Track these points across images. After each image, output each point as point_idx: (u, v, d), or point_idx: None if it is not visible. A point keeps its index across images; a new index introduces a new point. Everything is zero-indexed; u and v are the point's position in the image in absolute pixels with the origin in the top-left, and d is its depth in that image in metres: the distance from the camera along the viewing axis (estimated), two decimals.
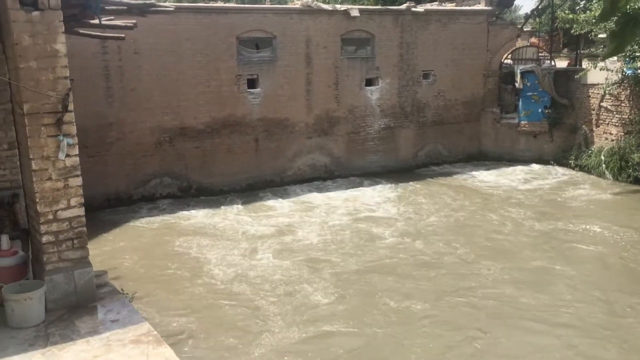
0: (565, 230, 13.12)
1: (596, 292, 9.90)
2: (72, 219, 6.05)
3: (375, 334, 8.55)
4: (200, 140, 16.33)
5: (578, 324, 8.82)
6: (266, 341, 8.35)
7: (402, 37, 18.69)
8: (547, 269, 10.95)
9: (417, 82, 19.23)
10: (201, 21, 15.87)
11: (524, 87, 19.47)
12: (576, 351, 8.09)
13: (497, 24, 19.91)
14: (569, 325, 8.79)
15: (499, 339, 8.44)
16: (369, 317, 9.03)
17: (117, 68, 15.03)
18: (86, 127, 14.74)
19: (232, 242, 12.63)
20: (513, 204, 15.29)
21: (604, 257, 11.50)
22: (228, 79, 16.40)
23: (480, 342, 8.32)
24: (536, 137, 19.69)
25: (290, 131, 17.53)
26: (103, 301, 6.27)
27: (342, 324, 8.84)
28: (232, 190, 16.63)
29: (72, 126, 5.95)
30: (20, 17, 5.56)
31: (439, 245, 12.29)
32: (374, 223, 13.83)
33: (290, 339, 8.39)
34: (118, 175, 15.40)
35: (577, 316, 9.06)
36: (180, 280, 10.57)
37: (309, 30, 17.26)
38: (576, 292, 9.92)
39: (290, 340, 8.37)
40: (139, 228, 13.61)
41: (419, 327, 8.78)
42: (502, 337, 8.51)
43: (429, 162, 19.84)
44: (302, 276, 10.67)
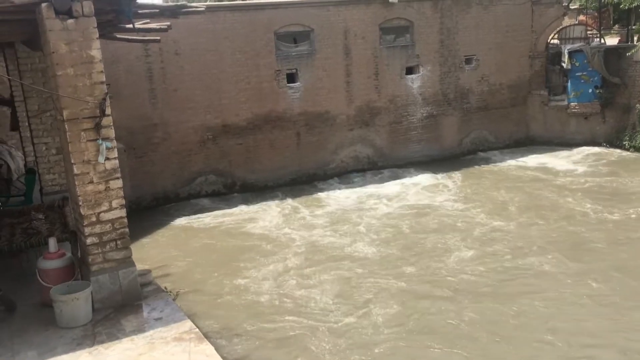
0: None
1: None
2: (114, 220, 6.20)
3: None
4: (242, 137, 16.51)
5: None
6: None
7: (442, 22, 18.27)
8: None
9: (459, 67, 18.78)
10: (239, 19, 16.01)
11: (573, 68, 18.69)
12: None
13: (542, 4, 19.16)
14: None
15: None
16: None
17: (160, 70, 15.37)
18: (133, 129, 15.22)
19: (280, 242, 12.68)
20: (574, 190, 14.65)
21: None
22: (267, 74, 16.49)
23: None
24: (587, 119, 18.90)
25: (331, 124, 17.48)
26: (147, 300, 6.42)
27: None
28: (276, 186, 16.75)
29: (111, 130, 6.09)
30: (56, 26, 5.72)
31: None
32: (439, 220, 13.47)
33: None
34: (165, 175, 15.77)
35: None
36: (225, 278, 10.69)
37: (346, 22, 17.12)
38: None
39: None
40: (186, 226, 13.90)
41: None
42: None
43: (475, 149, 19.38)
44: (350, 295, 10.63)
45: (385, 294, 9.56)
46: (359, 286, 9.91)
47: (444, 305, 9.02)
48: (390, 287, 9.78)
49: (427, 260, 10.84)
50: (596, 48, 18.47)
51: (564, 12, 19.55)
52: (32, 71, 8.75)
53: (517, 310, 8.71)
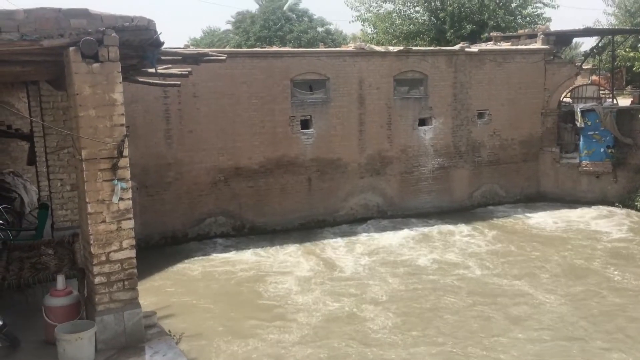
0: None
1: None
2: (123, 260, 6.24)
3: None
4: (254, 180, 16.65)
5: None
6: None
7: (456, 76, 18.59)
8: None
9: (471, 121, 18.98)
10: (257, 65, 16.41)
11: (585, 126, 18.82)
12: None
13: (555, 62, 19.50)
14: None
15: None
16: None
17: (177, 111, 15.68)
18: (147, 167, 15.42)
19: (285, 281, 12.62)
20: (582, 250, 14.60)
21: None
22: (282, 120, 16.76)
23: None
24: (599, 178, 18.88)
25: (342, 171, 17.61)
26: (150, 342, 6.38)
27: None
28: (285, 230, 16.75)
29: (127, 171, 6.20)
30: (82, 69, 5.92)
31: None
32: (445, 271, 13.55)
33: None
34: (175, 214, 15.86)
35: None
36: (231, 322, 10.60)
37: (361, 72, 17.48)
38: None
39: None
40: (193, 267, 13.86)
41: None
42: None
43: (485, 202, 19.35)
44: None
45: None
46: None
47: None
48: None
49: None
50: (609, 108, 18.64)
51: (577, 71, 19.84)
52: (54, 109, 9.01)
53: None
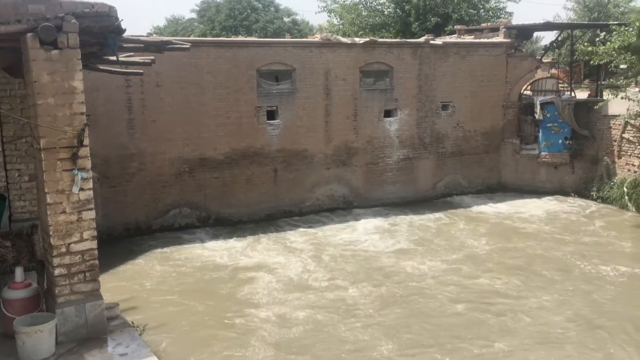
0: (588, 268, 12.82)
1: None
2: (84, 251, 6.14)
3: None
4: (219, 171, 16.53)
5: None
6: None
7: (421, 69, 18.80)
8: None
9: (435, 113, 19.25)
10: (222, 55, 16.24)
11: (544, 118, 19.32)
12: None
13: (516, 56, 19.91)
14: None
15: None
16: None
17: (140, 100, 15.40)
18: (109, 157, 15.13)
19: (249, 273, 12.62)
20: (532, 236, 15.05)
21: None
22: (248, 110, 16.66)
23: None
24: (557, 169, 19.45)
25: (309, 162, 17.64)
26: (113, 334, 6.31)
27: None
28: (251, 221, 16.71)
29: (87, 160, 6.10)
30: (40, 56, 5.78)
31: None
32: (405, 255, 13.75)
33: None
34: (138, 205, 15.62)
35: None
36: (195, 312, 10.56)
37: (328, 63, 17.49)
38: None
39: None
40: (156, 259, 13.70)
41: None
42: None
43: (448, 193, 19.70)
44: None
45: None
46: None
47: None
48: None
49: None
50: (567, 101, 19.17)
51: (537, 65, 20.31)
52: (10, 97, 8.70)
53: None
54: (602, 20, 22.96)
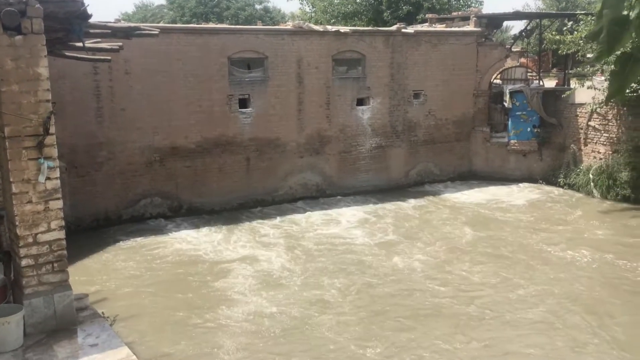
0: (555, 250, 13.13)
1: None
2: (52, 242, 6.03)
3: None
4: (191, 160, 16.36)
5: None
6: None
7: (393, 57, 18.87)
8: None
9: (408, 101, 19.37)
10: (193, 42, 16.00)
11: (513, 107, 19.63)
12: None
13: (486, 45, 20.14)
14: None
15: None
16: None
17: (108, 88, 15.10)
18: (76, 146, 14.83)
19: (222, 264, 12.57)
20: (508, 224, 15.31)
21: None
22: (219, 98, 16.49)
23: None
24: (526, 156, 19.81)
25: (281, 150, 17.59)
26: (83, 325, 6.23)
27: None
28: (224, 210, 16.62)
29: (53, 149, 5.96)
30: (3, 42, 5.61)
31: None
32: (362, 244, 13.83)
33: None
34: (107, 195, 15.38)
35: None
36: (164, 302, 10.47)
37: (300, 51, 17.41)
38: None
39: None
40: (127, 249, 13.53)
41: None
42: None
43: (421, 181, 19.90)
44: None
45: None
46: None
47: None
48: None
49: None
50: (535, 89, 19.50)
51: (507, 54, 20.57)
52: None
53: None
54: (570, 10, 23.41)
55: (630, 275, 11.51)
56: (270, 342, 8.96)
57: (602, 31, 2.48)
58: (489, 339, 9.03)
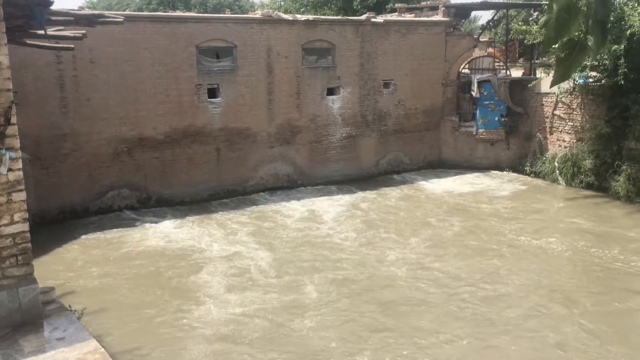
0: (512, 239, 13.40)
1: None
2: (15, 234, 5.87)
3: None
4: (159, 151, 16.12)
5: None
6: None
7: (363, 47, 18.89)
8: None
9: (377, 91, 19.45)
10: (160, 30, 15.72)
11: (481, 96, 19.91)
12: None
13: (455, 35, 20.33)
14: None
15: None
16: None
17: (72, 77, 14.74)
18: (40, 138, 14.47)
19: (187, 255, 12.46)
20: (474, 211, 15.56)
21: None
22: (188, 88, 16.27)
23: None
24: (493, 145, 20.14)
25: (252, 141, 17.48)
26: (49, 319, 6.10)
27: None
28: (194, 201, 16.45)
29: (15, 140, 5.79)
30: None
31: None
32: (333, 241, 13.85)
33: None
34: (73, 187, 15.06)
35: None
36: (133, 295, 10.34)
37: (269, 40, 17.28)
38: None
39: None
40: (94, 242, 13.30)
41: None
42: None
43: (391, 170, 20.05)
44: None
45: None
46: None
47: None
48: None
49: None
50: (502, 79, 19.80)
51: (475, 44, 20.80)
52: None
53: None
54: (536, 1, 23.76)
55: (606, 264, 11.58)
56: (239, 343, 8.90)
57: (557, 38, 2.56)
58: (471, 334, 8.85)
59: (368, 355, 8.29)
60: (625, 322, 9.28)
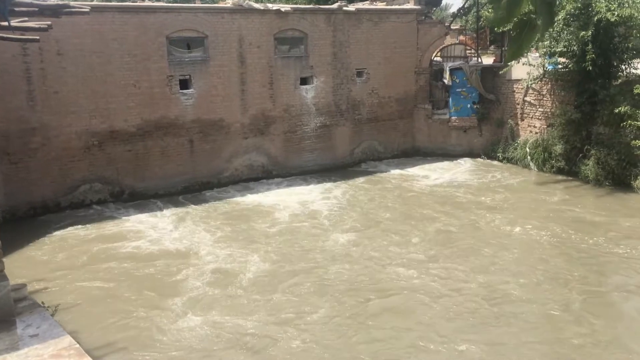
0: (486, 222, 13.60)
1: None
2: None
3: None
4: (131, 144, 15.89)
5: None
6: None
7: (335, 36, 18.85)
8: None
9: (351, 80, 19.45)
10: (128, 20, 15.44)
11: (453, 84, 20.08)
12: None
13: (426, 23, 20.42)
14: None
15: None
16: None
17: (39, 70, 14.40)
18: (8, 132, 14.16)
19: (162, 250, 12.34)
20: (456, 200, 15.67)
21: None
22: (159, 79, 16.04)
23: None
24: (466, 132, 20.36)
25: (225, 132, 17.34)
26: (22, 316, 6.00)
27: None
28: (168, 194, 16.28)
29: None
30: None
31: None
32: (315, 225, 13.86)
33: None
34: (44, 182, 14.76)
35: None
36: (107, 291, 10.20)
37: (241, 30, 17.12)
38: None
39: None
40: (65, 237, 13.07)
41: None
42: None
43: (366, 158, 20.11)
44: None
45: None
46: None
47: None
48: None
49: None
50: (474, 66, 19.99)
51: (446, 31, 20.95)
52: None
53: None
54: None
55: (578, 248, 11.63)
56: (213, 351, 8.83)
57: (509, 17, 2.65)
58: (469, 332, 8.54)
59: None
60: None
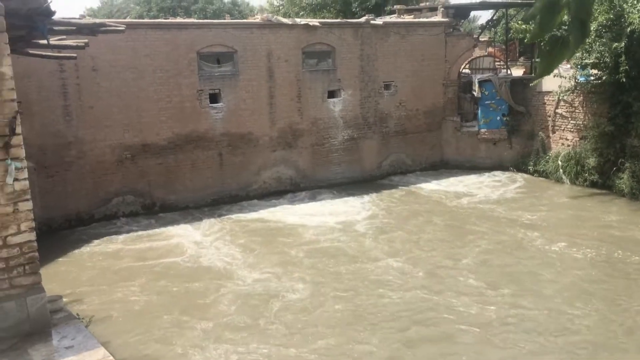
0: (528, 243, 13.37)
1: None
2: (22, 244, 5.91)
3: None
4: (163, 157, 16.19)
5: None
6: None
7: (362, 49, 18.93)
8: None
9: (378, 93, 19.47)
10: (161, 37, 15.80)
11: (482, 96, 19.92)
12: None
13: (454, 35, 20.35)
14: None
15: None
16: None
17: (75, 86, 14.82)
18: (45, 146, 14.56)
19: (196, 268, 12.47)
20: (486, 216, 15.46)
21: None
22: (190, 94, 16.33)
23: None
24: (496, 145, 20.13)
25: (254, 145, 17.52)
26: (57, 327, 6.14)
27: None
28: (197, 207, 16.49)
29: (21, 149, 5.84)
30: None
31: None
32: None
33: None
34: (78, 195, 15.13)
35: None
36: (142, 303, 10.36)
37: (270, 44, 17.34)
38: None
39: None
40: (100, 249, 13.33)
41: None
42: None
43: (393, 171, 20.04)
44: None
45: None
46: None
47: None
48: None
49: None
50: (503, 78, 19.81)
51: (475, 43, 20.83)
52: None
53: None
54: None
55: (628, 268, 11.19)
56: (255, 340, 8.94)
57: (542, 33, 2.67)
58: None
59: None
60: None
